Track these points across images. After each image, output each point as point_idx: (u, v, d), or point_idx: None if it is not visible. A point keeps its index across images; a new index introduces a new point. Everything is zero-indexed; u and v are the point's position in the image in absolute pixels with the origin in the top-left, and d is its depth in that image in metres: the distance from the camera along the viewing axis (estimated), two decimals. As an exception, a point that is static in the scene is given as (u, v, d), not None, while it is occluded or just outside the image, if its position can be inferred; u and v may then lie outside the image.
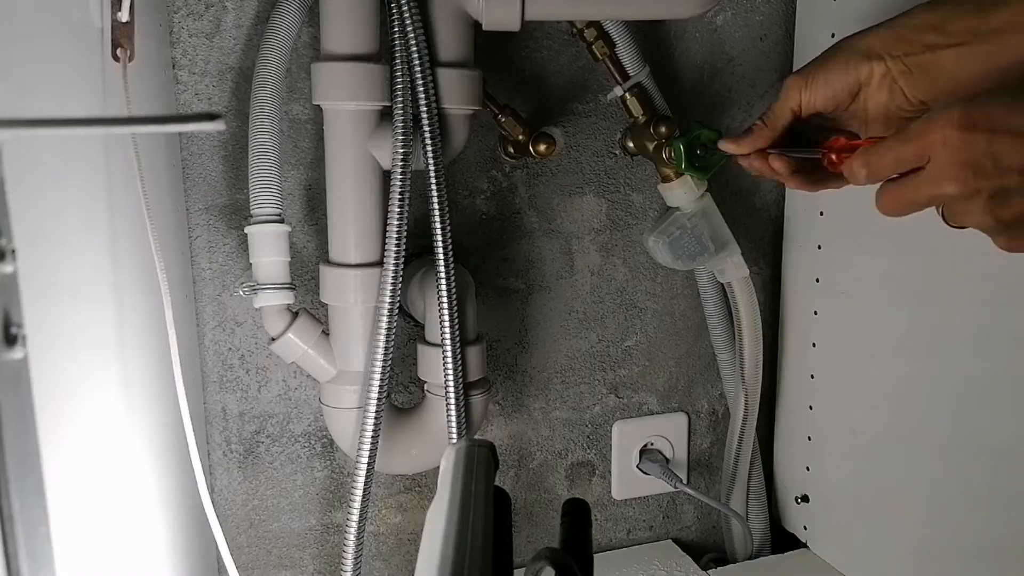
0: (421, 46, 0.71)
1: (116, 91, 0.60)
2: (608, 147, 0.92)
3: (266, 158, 0.73)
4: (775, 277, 1.01)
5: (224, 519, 0.86)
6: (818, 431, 0.95)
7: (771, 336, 1.00)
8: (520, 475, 0.97)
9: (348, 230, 0.76)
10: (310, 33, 0.80)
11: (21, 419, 0.31)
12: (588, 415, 0.98)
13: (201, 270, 0.82)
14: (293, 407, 0.87)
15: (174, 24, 0.77)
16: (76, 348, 0.52)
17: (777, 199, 0.99)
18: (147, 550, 0.65)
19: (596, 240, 0.94)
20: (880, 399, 0.85)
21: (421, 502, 0.94)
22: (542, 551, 0.36)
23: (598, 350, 0.96)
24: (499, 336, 0.92)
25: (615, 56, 0.83)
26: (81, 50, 0.57)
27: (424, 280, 0.79)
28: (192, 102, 0.79)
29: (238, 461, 0.87)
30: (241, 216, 0.81)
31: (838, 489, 0.93)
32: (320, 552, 0.91)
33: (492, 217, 0.90)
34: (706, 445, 1.03)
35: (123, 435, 0.60)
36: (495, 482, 0.40)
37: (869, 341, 0.86)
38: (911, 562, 0.83)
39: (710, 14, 0.93)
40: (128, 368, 0.62)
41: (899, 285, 0.81)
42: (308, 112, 0.82)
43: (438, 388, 0.77)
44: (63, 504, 0.46)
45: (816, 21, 0.90)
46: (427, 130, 0.72)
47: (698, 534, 1.06)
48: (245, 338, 0.84)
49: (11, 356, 0.30)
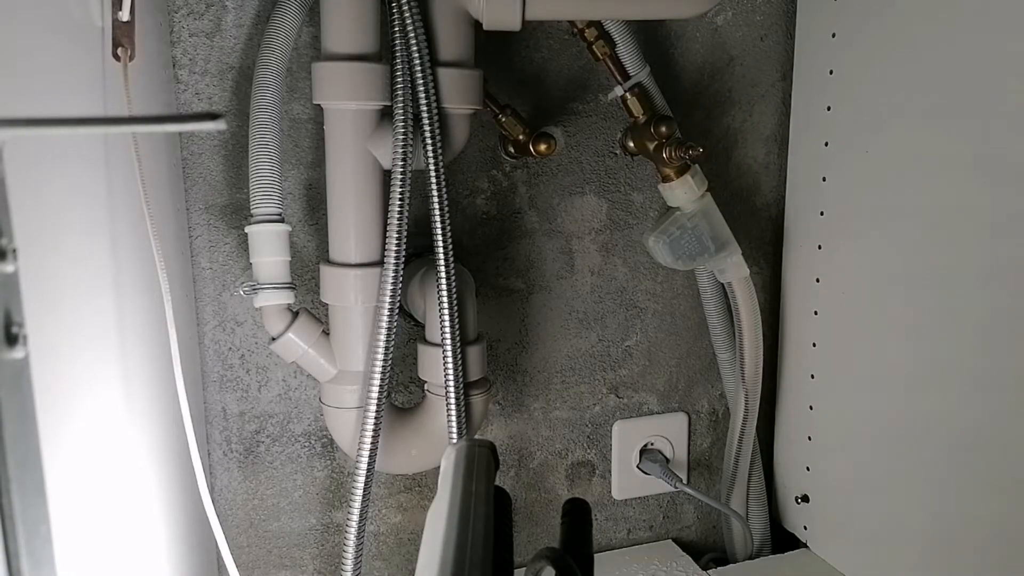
0: (421, 46, 0.71)
1: (116, 90, 0.60)
2: (608, 147, 0.92)
3: (266, 158, 0.73)
4: (775, 277, 1.01)
5: (224, 519, 0.86)
6: (818, 431, 0.95)
7: (771, 336, 1.00)
8: (520, 475, 0.97)
9: (348, 230, 0.76)
10: (310, 33, 0.80)
11: (22, 419, 0.31)
12: (588, 415, 0.98)
13: (201, 270, 0.82)
14: (293, 407, 0.87)
15: (174, 23, 0.77)
16: (77, 348, 0.52)
17: (777, 199, 0.99)
18: (147, 550, 0.65)
19: (596, 240, 0.94)
20: (880, 399, 0.85)
21: (421, 502, 0.94)
22: (542, 551, 0.36)
23: (598, 350, 0.96)
24: (499, 336, 0.92)
25: (615, 56, 0.83)
26: (82, 49, 0.57)
27: (424, 280, 0.79)
28: (192, 101, 0.79)
29: (238, 461, 0.87)
30: (241, 216, 0.81)
31: (838, 489, 0.93)
32: (320, 552, 0.91)
33: (492, 217, 0.90)
34: (706, 445, 1.03)
35: (123, 435, 0.60)
36: (495, 482, 0.40)
37: (869, 341, 0.86)
38: (911, 562, 0.83)
39: (710, 14, 0.93)
40: (128, 367, 0.62)
41: (899, 285, 0.81)
42: (308, 112, 0.82)
43: (438, 388, 0.77)
44: (64, 504, 0.46)
45: (816, 21, 0.90)
46: (427, 130, 0.72)
47: (698, 534, 1.06)
48: (245, 338, 0.84)
49: (12, 356, 0.30)
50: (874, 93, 0.82)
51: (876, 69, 0.81)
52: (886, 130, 0.76)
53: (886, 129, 0.79)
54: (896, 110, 0.79)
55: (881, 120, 0.81)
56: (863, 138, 0.83)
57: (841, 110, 0.87)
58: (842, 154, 0.87)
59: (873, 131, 0.82)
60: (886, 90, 0.80)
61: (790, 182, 0.96)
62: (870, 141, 0.82)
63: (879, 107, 0.81)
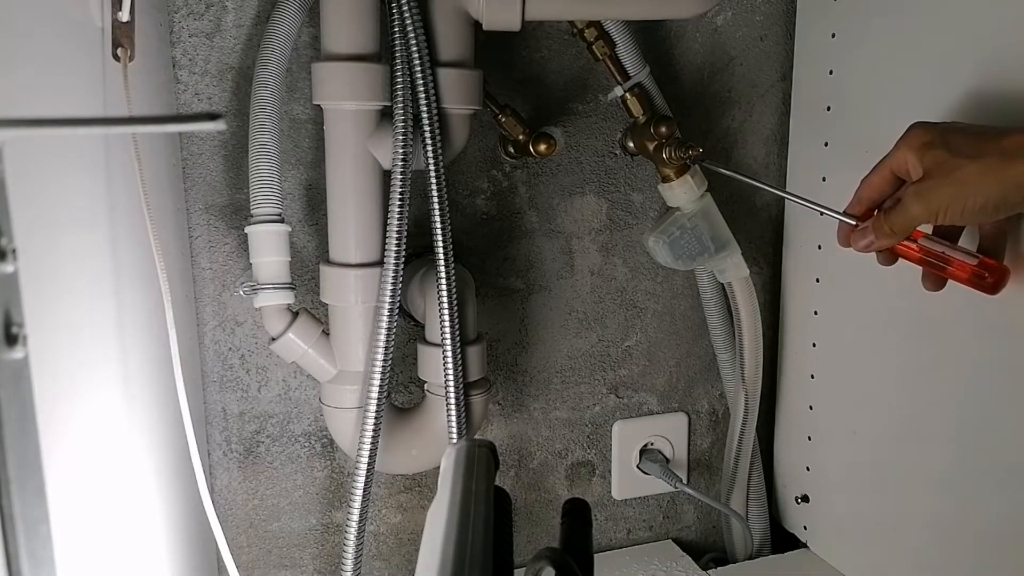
0: (421, 46, 0.71)
1: (116, 91, 0.60)
2: (608, 147, 0.92)
3: (266, 158, 0.73)
4: (775, 277, 1.01)
5: (224, 519, 0.86)
6: (818, 431, 0.95)
7: (771, 336, 1.00)
8: (520, 475, 0.97)
9: (348, 230, 0.76)
10: (310, 33, 0.80)
11: (22, 419, 0.31)
12: (588, 415, 0.98)
13: (201, 270, 0.82)
14: (293, 407, 0.87)
15: (174, 24, 0.77)
16: (76, 348, 0.52)
17: (777, 199, 0.99)
18: (147, 550, 0.65)
19: (596, 240, 0.94)
20: (880, 399, 0.85)
21: (421, 502, 0.94)
22: (542, 551, 0.36)
23: (598, 350, 0.96)
24: (499, 336, 0.92)
25: (615, 56, 0.83)
26: (82, 50, 0.57)
27: (424, 280, 0.79)
28: (192, 102, 0.79)
29: (238, 461, 0.87)
30: (241, 216, 0.81)
31: (838, 489, 0.93)
32: (320, 552, 0.91)
33: (492, 217, 0.90)
34: (706, 445, 1.03)
35: (123, 435, 0.60)
36: (495, 482, 0.40)
37: (869, 341, 0.86)
38: (911, 562, 0.83)
39: (710, 14, 0.93)
40: (128, 368, 0.62)
41: (899, 285, 0.81)
42: (308, 112, 0.82)
43: (438, 388, 0.77)
44: (63, 504, 0.46)
45: (816, 21, 0.90)
46: (427, 130, 0.72)
47: (698, 534, 1.06)
48: (245, 338, 0.84)
49: (12, 356, 0.30)
50: (874, 93, 0.82)
51: (876, 69, 0.82)
52: (886, 130, 0.75)
53: (886, 129, 0.79)
54: (896, 110, 0.79)
55: (881, 120, 0.81)
56: (863, 138, 0.83)
57: (841, 110, 0.87)
58: (842, 154, 0.87)
59: (873, 131, 0.82)
60: (886, 90, 0.80)
61: (790, 182, 0.96)
62: (870, 141, 0.82)
63: (879, 107, 0.81)
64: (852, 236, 0.68)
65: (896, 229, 0.64)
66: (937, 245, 0.66)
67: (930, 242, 0.66)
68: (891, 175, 0.65)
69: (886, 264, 0.70)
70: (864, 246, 0.67)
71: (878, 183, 0.66)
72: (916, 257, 0.67)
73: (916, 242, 0.66)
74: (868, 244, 0.66)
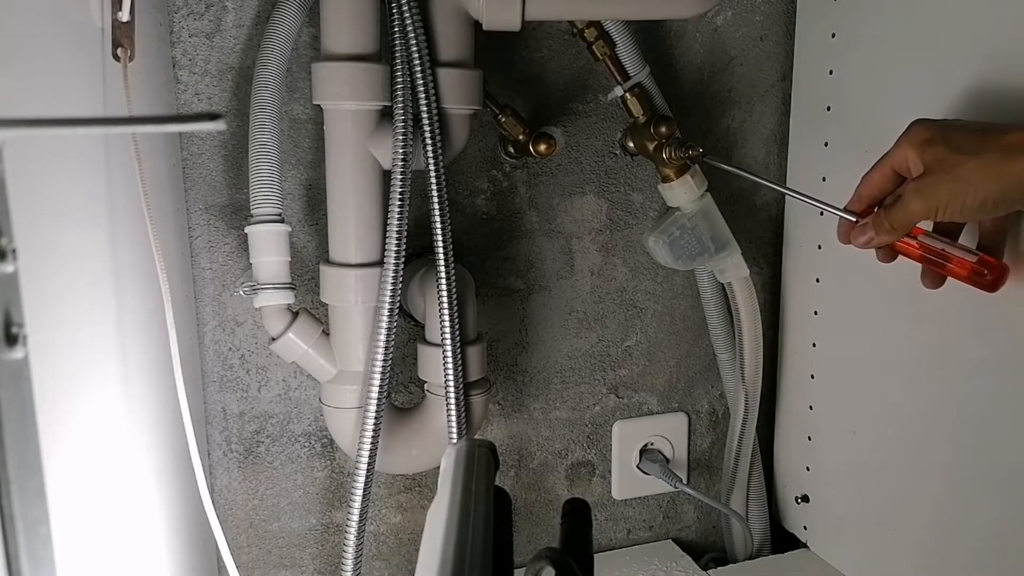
0: (421, 46, 0.71)
1: (116, 91, 0.60)
2: (608, 147, 0.92)
3: (266, 158, 0.73)
4: (775, 277, 1.01)
5: (224, 519, 0.86)
6: (818, 431, 0.95)
7: (771, 336, 1.00)
8: (520, 475, 0.97)
9: (348, 230, 0.76)
10: (310, 33, 0.80)
11: (21, 419, 0.31)
12: (588, 415, 0.98)
13: (201, 270, 0.82)
14: (293, 407, 0.87)
15: (174, 24, 0.77)
16: (76, 348, 0.52)
17: (777, 199, 0.99)
18: (147, 550, 0.65)
19: (596, 240, 0.94)
20: (880, 399, 0.85)
21: (421, 502, 0.94)
22: (542, 551, 0.36)
23: (598, 350, 0.96)
24: (499, 336, 0.92)
25: (615, 56, 0.83)
26: (81, 50, 0.57)
27: (424, 280, 0.79)
28: (192, 102, 0.79)
29: (238, 461, 0.87)
30: (241, 216, 0.81)
31: (838, 489, 0.93)
32: (320, 552, 0.91)
33: (492, 217, 0.90)
34: (706, 445, 1.03)
35: (123, 435, 0.60)
36: (495, 482, 0.40)
37: (869, 341, 0.86)
38: (911, 562, 0.83)
39: (710, 14, 0.93)
40: (128, 368, 0.62)
41: (899, 285, 0.81)
42: (308, 112, 0.82)
43: (438, 388, 0.77)
44: (63, 504, 0.46)
45: (816, 21, 0.90)
46: (427, 130, 0.72)
47: (698, 534, 1.06)
48: (245, 338, 0.84)
49: (12, 356, 0.30)
50: (874, 93, 0.82)
51: (876, 69, 0.82)
52: (886, 130, 0.75)
53: (886, 129, 0.79)
54: (896, 110, 0.79)
55: (881, 120, 0.81)
56: (863, 138, 0.83)
57: (841, 110, 0.87)
58: (842, 154, 0.87)
59: (873, 131, 0.81)
60: (886, 90, 0.80)
61: (790, 182, 0.96)
62: (870, 141, 0.82)
63: (879, 107, 0.81)
64: (852, 232, 0.68)
65: (896, 225, 0.64)
66: (937, 242, 0.66)
67: (930, 239, 0.66)
68: (892, 172, 0.65)
69: (886, 261, 0.70)
70: (864, 242, 0.67)
71: (878, 180, 0.66)
72: (916, 254, 0.67)
73: (916, 239, 0.66)
74: (868, 240, 0.66)
